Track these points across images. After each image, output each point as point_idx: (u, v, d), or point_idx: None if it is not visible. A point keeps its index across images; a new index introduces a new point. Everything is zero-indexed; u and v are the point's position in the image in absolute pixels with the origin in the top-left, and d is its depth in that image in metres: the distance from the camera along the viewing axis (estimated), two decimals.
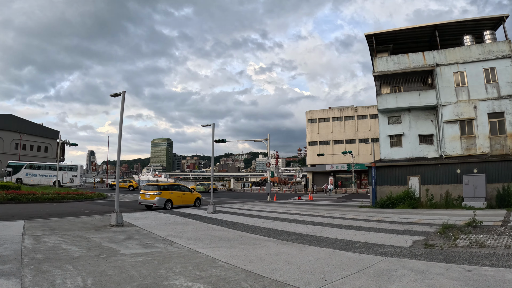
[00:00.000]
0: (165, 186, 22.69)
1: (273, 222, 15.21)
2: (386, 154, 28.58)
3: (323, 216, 18.35)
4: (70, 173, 48.39)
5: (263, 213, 20.06)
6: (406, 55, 28.64)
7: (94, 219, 15.01)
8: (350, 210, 22.49)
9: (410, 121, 28.06)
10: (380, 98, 28.67)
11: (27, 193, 25.31)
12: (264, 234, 11.82)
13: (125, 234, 11.19)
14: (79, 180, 50.62)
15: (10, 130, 66.80)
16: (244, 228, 13.32)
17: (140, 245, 9.58)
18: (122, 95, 13.58)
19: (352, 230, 12.93)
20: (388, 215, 18.70)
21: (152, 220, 15.13)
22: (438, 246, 9.46)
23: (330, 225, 14.38)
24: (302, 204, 29.12)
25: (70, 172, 48.72)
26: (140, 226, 13.03)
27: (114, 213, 12.95)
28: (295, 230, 12.71)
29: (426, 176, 25.54)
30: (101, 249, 8.88)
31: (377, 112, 65.53)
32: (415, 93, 27.59)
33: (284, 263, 7.61)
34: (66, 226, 12.67)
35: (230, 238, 10.86)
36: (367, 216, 18.02)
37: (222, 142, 36.49)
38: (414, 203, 24.08)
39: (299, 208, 23.93)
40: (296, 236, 11.47)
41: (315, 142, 70.82)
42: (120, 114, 13.42)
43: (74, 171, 50.37)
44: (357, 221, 15.98)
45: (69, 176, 47.81)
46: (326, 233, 12.16)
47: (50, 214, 17.73)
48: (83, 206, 23.06)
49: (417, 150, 27.57)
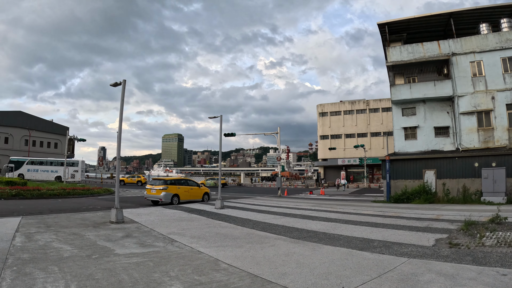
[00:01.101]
0: (172, 180, 21.90)
1: (283, 218, 14.37)
2: (400, 147, 27.51)
3: (336, 211, 17.45)
4: (71, 169, 47.99)
5: (274, 208, 19.22)
6: (420, 44, 27.49)
7: (95, 216, 14.32)
8: (364, 205, 21.56)
9: (425, 112, 26.94)
10: (394, 89, 27.55)
11: (32, 188, 24.83)
12: (273, 231, 10.98)
13: (124, 232, 10.43)
14: (80, 175, 50.19)
15: (20, 127, 66.80)
16: (253, 224, 12.50)
17: (138, 244, 8.80)
18: (123, 84, 12.82)
19: (368, 227, 12.03)
20: (404, 210, 17.77)
21: (156, 216, 14.39)
22: (464, 246, 8.61)
23: (344, 221, 13.50)
24: (314, 199, 28.22)
25: (71, 168, 48.29)
26: (142, 223, 12.29)
27: (114, 209, 12.20)
28: (307, 227, 11.85)
29: (442, 169, 24.54)
30: (95, 249, 8.13)
31: (389, 105, 65.20)
32: (430, 84, 26.45)
33: (295, 265, 6.76)
34: (63, 223, 11.99)
35: (236, 236, 10.04)
36: (383, 212, 17.09)
37: (231, 136, 35.76)
38: (430, 198, 23.10)
39: (310, 203, 23.05)
40: (308, 233, 10.61)
41: (326, 136, 69.67)
42: (120, 104, 12.67)
43: (75, 167, 49.91)
44: (372, 217, 15.07)
45: (70, 171, 47.33)
46: (340, 230, 11.28)
47: (52, 210, 17.13)
48: (88, 202, 22.47)
49: (433, 143, 26.47)
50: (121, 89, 12.89)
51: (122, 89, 12.81)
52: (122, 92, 12.73)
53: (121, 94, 12.69)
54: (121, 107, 12.63)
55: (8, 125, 65.92)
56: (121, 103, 12.64)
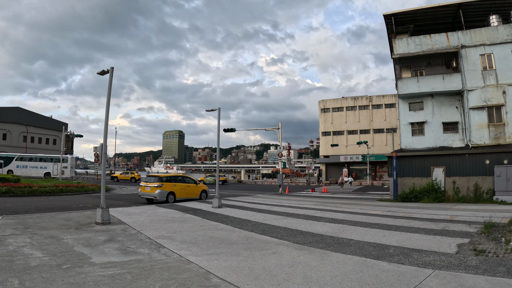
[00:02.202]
0: (167, 177, 20.71)
1: (286, 219, 13.22)
2: (407, 143, 26.34)
3: (342, 211, 16.32)
4: (60, 165, 47.24)
5: (275, 207, 18.07)
6: (428, 36, 26.30)
7: (81, 215, 13.20)
8: (371, 204, 20.44)
9: (433, 107, 25.78)
10: (401, 82, 26.36)
11: (23, 186, 23.74)
12: (275, 235, 9.85)
13: (107, 235, 9.30)
14: (69, 171, 49.39)
15: (18, 123, 65.84)
16: (252, 226, 11.36)
17: (120, 250, 7.66)
18: (110, 72, 11.68)
19: (379, 229, 10.91)
20: (414, 210, 16.67)
21: (147, 216, 13.24)
22: (491, 253, 7.55)
23: (352, 222, 12.36)
24: (317, 197, 27.08)
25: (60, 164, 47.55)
26: (130, 224, 11.15)
27: (100, 208, 11.06)
28: (312, 230, 10.72)
29: (451, 167, 23.45)
30: (69, 256, 7.02)
31: (392, 101, 64.21)
32: (438, 77, 25.27)
33: (301, 280, 5.64)
34: (44, 224, 10.88)
35: (233, 241, 8.90)
36: (392, 212, 15.98)
37: (231, 131, 34.64)
38: (440, 196, 22.02)
39: (313, 202, 21.92)
40: (314, 237, 9.48)
41: (328, 133, 68.46)
42: (107, 94, 11.53)
43: (65, 163, 49.07)
44: (382, 217, 13.96)
45: (59, 167, 46.48)
46: (349, 233, 10.16)
47: (39, 208, 16.05)
48: (80, 199, 21.35)
49: (441, 139, 25.32)
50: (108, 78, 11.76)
51: (109, 77, 11.68)
52: (110, 81, 11.60)
53: (108, 83, 11.56)
54: (108, 97, 11.50)
55: (6, 121, 65.02)
56: (108, 93, 11.51)
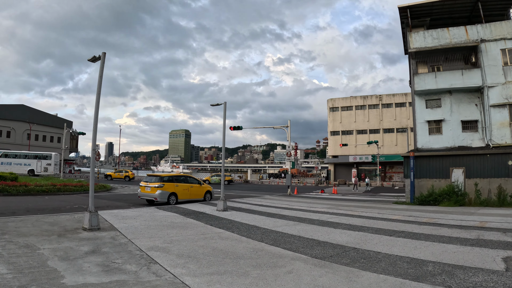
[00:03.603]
0: (169, 177, 19.32)
1: (299, 226, 11.76)
2: (424, 142, 24.79)
3: (358, 216, 14.84)
4: (44, 162, 46.58)
5: (285, 211, 16.62)
6: (446, 30, 24.78)
7: (71, 218, 11.84)
8: (387, 208, 18.95)
9: (451, 104, 24.25)
10: (417, 78, 24.83)
11: (18, 184, 22.60)
12: (289, 246, 8.42)
13: (92, 245, 7.91)
14: (53, 168, 48.48)
15: (22, 121, 65.13)
16: (261, 235, 9.91)
17: (102, 266, 6.25)
18: (102, 58, 10.34)
19: (407, 239, 9.47)
20: (437, 215, 15.19)
21: (143, 221, 11.84)
22: None
23: (374, 230, 10.90)
24: (327, 199, 25.62)
25: (44, 161, 47.00)
26: (121, 231, 9.75)
27: (88, 212, 9.70)
28: (330, 239, 9.28)
29: (471, 168, 21.98)
30: (38, 274, 5.67)
31: (403, 100, 62.54)
32: (457, 73, 23.76)
33: None
34: (25, 229, 9.55)
35: (240, 254, 7.47)
36: (414, 217, 14.51)
37: (238, 129, 33.29)
38: (461, 200, 20.54)
39: (325, 204, 20.46)
40: (335, 250, 8.04)
41: (337, 132, 66.86)
42: (98, 82, 10.19)
43: (49, 160, 48.31)
44: (405, 223, 12.49)
45: (43, 164, 46.06)
46: (374, 244, 8.72)
47: (29, 210, 14.80)
48: (77, 199, 20.07)
49: (460, 138, 23.78)
50: (100, 65, 10.43)
51: (100, 64, 10.34)
52: (101, 68, 10.25)
53: (99, 70, 10.23)
54: (98, 86, 10.16)
55: (10, 119, 64.46)
56: (99, 81, 10.17)
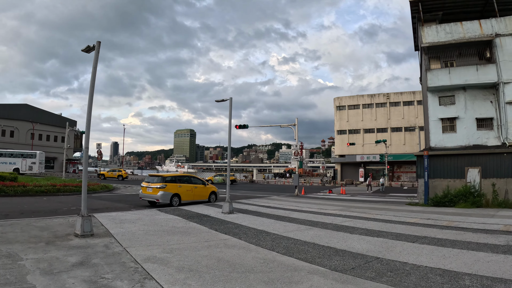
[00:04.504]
0: (171, 177, 18.35)
1: (311, 230, 10.76)
2: (437, 141, 23.70)
3: (374, 219, 13.82)
4: (29, 160, 46.52)
5: (294, 213, 15.61)
6: (459, 24, 23.73)
7: (64, 222, 10.92)
8: (401, 209, 17.91)
9: (465, 101, 23.20)
10: (431, 74, 23.75)
11: (16, 185, 21.80)
12: (303, 255, 7.43)
13: (82, 254, 6.97)
14: (37, 167, 48.49)
15: (25, 120, 64.72)
16: (272, 242, 8.93)
17: (88, 283, 5.29)
18: (96, 48, 9.41)
19: (432, 246, 8.48)
20: (456, 217, 14.15)
21: (142, 225, 10.88)
22: None
23: (394, 236, 9.88)
24: (337, 200, 24.59)
25: (29, 160, 47.01)
26: (117, 237, 8.80)
27: (80, 217, 8.78)
28: (348, 247, 8.30)
29: (488, 167, 20.97)
30: None
31: (411, 99, 61.30)
32: (472, 68, 22.70)
33: None
34: (11, 235, 8.65)
35: (248, 267, 6.50)
36: (432, 220, 13.50)
37: (244, 128, 32.34)
38: (478, 201, 19.44)
39: (336, 206, 19.44)
40: (355, 260, 7.05)
41: (344, 131, 65.69)
42: (92, 73, 9.28)
43: (33, 159, 48.28)
44: (425, 227, 11.48)
45: (28, 163, 46.00)
46: (398, 252, 7.73)
47: (23, 212, 13.95)
48: (75, 201, 19.08)
49: (474, 136, 22.71)
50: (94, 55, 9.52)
51: (95, 55, 9.42)
52: (95, 59, 9.34)
53: (93, 60, 9.32)
54: (92, 78, 9.24)
55: (14, 119, 64.08)
56: (93, 72, 9.24)
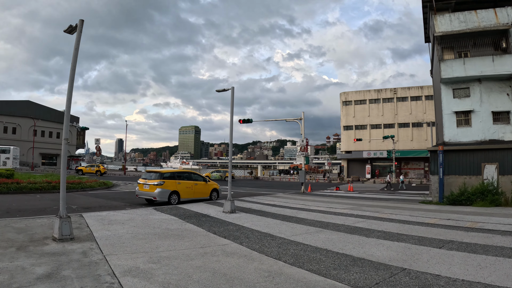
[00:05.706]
0: (170, 174, 17.20)
1: (322, 233, 9.55)
2: (452, 135, 22.43)
3: (389, 219, 12.62)
4: (3, 156, 45.54)
5: (302, 212, 14.42)
6: (474, 12, 22.46)
7: (48, 223, 9.78)
8: (416, 208, 16.70)
9: (481, 94, 21.96)
10: (444, 64, 22.46)
11: (10, 181, 20.87)
12: (316, 267, 6.26)
13: (51, 264, 5.85)
14: (12, 163, 47.08)
15: (28, 117, 64.11)
16: (278, 248, 7.74)
17: None
18: (79, 27, 8.28)
19: (463, 253, 7.31)
20: (478, 217, 12.93)
21: (132, 227, 9.73)
22: None
23: (416, 240, 8.69)
24: (345, 197, 23.40)
25: (3, 155, 45.84)
26: (100, 242, 7.67)
27: (58, 218, 7.69)
28: (367, 254, 7.11)
29: (505, 164, 19.86)
30: None
31: (419, 94, 59.81)
32: (487, 59, 21.43)
33: None
34: None
35: (249, 283, 5.34)
36: (452, 220, 12.31)
37: (248, 122, 31.26)
38: (497, 199, 18.23)
39: (346, 204, 18.23)
40: (378, 271, 5.88)
41: (350, 127, 64.34)
42: (73, 54, 8.17)
43: (7, 154, 47.14)
44: (448, 229, 10.29)
45: (2, 158, 44.83)
46: (425, 261, 6.55)
47: (8, 211, 12.93)
48: (69, 198, 17.96)
49: (490, 131, 21.46)
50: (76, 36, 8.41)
51: (77, 35, 8.31)
52: (77, 40, 8.24)
53: (75, 41, 8.22)
54: (73, 59, 8.14)
55: (16, 115, 63.66)
56: (74, 54, 8.13)
